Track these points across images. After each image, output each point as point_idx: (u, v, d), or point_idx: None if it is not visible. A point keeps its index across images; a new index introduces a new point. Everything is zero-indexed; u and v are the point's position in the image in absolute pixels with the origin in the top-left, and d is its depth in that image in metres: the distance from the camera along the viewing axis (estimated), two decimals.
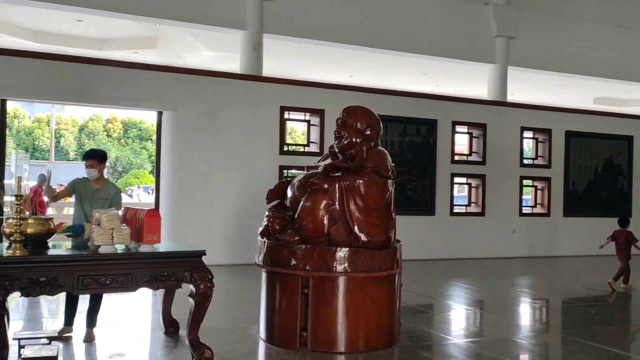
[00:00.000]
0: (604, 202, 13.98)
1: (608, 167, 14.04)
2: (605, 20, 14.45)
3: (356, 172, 5.24)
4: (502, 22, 13.08)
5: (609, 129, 14.06)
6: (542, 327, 6.91)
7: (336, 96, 11.06)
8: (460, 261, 11.95)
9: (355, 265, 5.03)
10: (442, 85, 16.81)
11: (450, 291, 8.94)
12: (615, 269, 9.35)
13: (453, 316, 7.22)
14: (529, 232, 13.11)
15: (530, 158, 13.50)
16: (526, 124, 13.21)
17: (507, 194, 12.92)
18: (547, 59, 13.87)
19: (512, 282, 10.00)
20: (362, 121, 5.43)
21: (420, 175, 12.13)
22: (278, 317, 5.20)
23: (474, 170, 12.66)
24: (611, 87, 16.35)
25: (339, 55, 13.68)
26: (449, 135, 12.39)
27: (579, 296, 8.70)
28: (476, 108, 12.77)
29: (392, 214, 5.34)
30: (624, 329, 6.76)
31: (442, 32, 12.86)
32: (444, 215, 12.30)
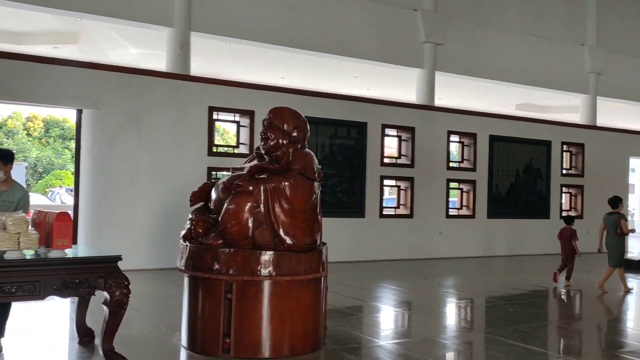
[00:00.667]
0: (525, 204, 14.54)
1: (528, 170, 14.62)
2: (526, 31, 15.05)
3: (282, 174, 5.15)
4: (430, 29, 13.36)
5: (530, 134, 14.64)
6: (465, 327, 7.06)
7: (267, 97, 10.94)
8: (389, 262, 12.09)
9: (280, 269, 4.93)
10: (372, 88, 17.00)
11: (379, 293, 9.00)
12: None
13: (380, 318, 7.26)
14: (455, 234, 13.44)
15: (456, 161, 13.85)
16: (453, 128, 13.54)
17: (435, 196, 13.19)
18: (472, 66, 14.28)
19: (439, 282, 10.19)
20: (288, 123, 5.35)
21: (351, 177, 12.18)
22: (200, 323, 5.03)
23: (402, 172, 12.85)
24: (531, 93, 17.04)
25: (270, 57, 13.56)
26: (379, 138, 12.52)
27: (500, 295, 8.96)
28: (405, 112, 12.97)
29: (318, 217, 5.28)
30: (540, 326, 6.99)
31: (372, 37, 12.99)
32: (374, 217, 12.41)
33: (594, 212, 15.52)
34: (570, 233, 9.89)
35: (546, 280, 10.81)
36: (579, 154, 15.50)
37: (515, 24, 14.88)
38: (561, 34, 15.63)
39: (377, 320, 7.10)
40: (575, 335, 6.75)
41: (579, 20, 15.95)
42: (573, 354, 6.01)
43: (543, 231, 14.74)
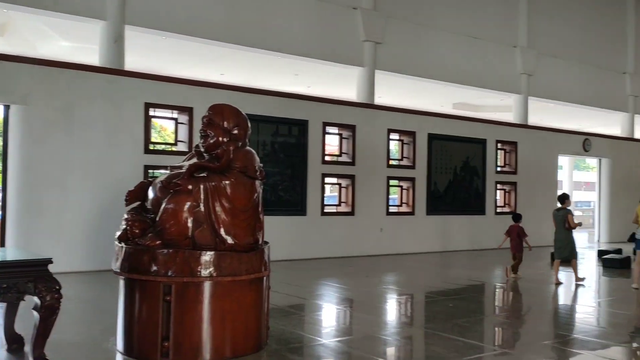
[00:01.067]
0: (462, 201, 14.92)
1: (465, 168, 15.01)
2: (462, 32, 15.42)
3: (222, 172, 5.04)
4: (369, 28, 13.47)
5: (466, 133, 15.03)
6: (406, 322, 7.15)
7: (206, 94, 10.73)
8: (331, 260, 12.13)
9: (221, 269, 4.82)
10: (313, 86, 17.00)
11: (321, 291, 8.99)
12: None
13: (323, 316, 7.25)
14: (395, 230, 13.63)
15: (396, 159, 14.04)
16: (392, 126, 13.72)
17: (375, 193, 13.33)
18: (411, 65, 14.50)
19: (380, 279, 10.30)
20: (229, 120, 5.24)
21: (292, 175, 12.14)
22: (137, 327, 4.85)
23: (344, 170, 12.91)
24: (467, 93, 17.49)
25: (209, 53, 13.31)
26: (320, 136, 12.53)
27: (439, 290, 9.14)
28: (346, 110, 13.03)
29: (260, 216, 5.20)
30: (477, 320, 7.16)
31: (313, 34, 12.97)
32: (315, 215, 12.41)
33: (527, 207, 16.13)
34: (517, 231, 10.32)
35: (483, 275, 11.15)
36: (512, 152, 16.04)
37: (452, 24, 15.22)
38: (495, 35, 16.11)
39: (319, 319, 7.08)
40: (510, 328, 6.95)
41: (511, 23, 16.49)
42: (508, 346, 6.19)
43: (479, 227, 15.19)
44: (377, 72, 13.76)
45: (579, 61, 18.14)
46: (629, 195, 19.06)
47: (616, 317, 7.61)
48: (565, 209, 9.83)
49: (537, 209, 16.42)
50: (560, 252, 9.81)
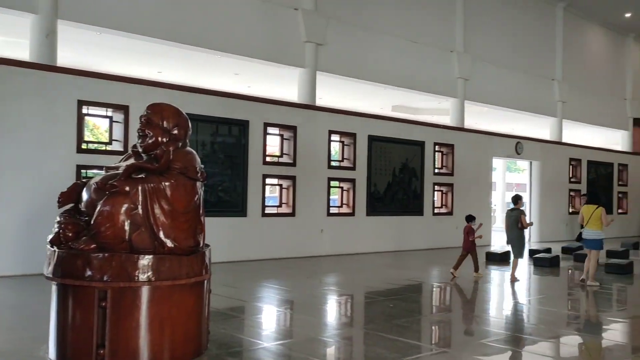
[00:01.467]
0: (401, 202, 15.17)
1: (404, 170, 15.27)
2: (402, 36, 15.69)
3: (162, 173, 4.90)
4: (311, 29, 13.48)
5: (405, 135, 15.30)
6: (347, 324, 7.18)
7: (142, 92, 10.45)
8: (272, 261, 12.06)
9: (160, 273, 4.69)
10: (254, 86, 16.87)
11: (262, 293, 8.92)
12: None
13: (263, 319, 7.19)
14: (336, 231, 13.70)
15: (337, 160, 14.12)
16: (333, 128, 13.79)
17: (316, 194, 13.36)
18: (352, 67, 14.62)
19: (321, 280, 10.32)
20: (168, 120, 5.10)
21: (232, 176, 11.99)
22: (71, 334, 4.66)
23: (285, 171, 12.87)
24: (406, 96, 17.81)
25: (146, 49, 12.96)
26: (261, 136, 12.44)
27: (379, 291, 9.24)
28: (287, 110, 13.00)
29: (201, 218, 5.10)
30: (416, 320, 7.29)
31: (254, 34, 12.86)
32: (256, 216, 12.31)
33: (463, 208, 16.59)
34: (467, 230, 10.65)
35: (421, 274, 11.36)
36: (449, 154, 16.45)
37: (392, 28, 15.45)
38: (433, 40, 16.48)
39: (259, 321, 7.02)
40: (448, 327, 7.11)
41: (448, 29, 16.91)
42: (445, 345, 6.33)
43: (418, 228, 15.50)
44: (319, 73, 13.80)
45: (511, 67, 18.83)
46: (557, 196, 19.97)
47: (547, 314, 7.92)
48: (519, 210, 10.36)
49: (472, 209, 16.89)
50: (514, 250, 10.41)
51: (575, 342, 6.41)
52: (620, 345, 6.42)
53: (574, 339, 6.57)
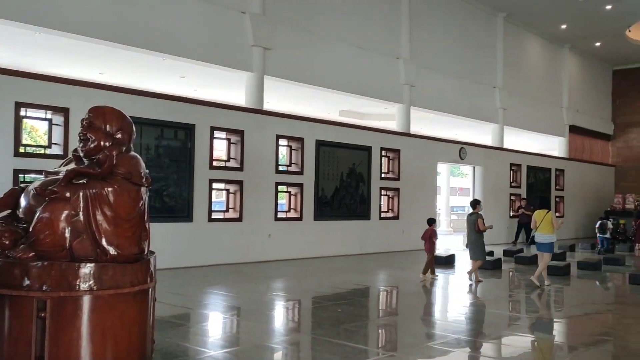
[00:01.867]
0: (348, 206, 15.29)
1: (352, 174, 15.40)
2: (350, 42, 15.83)
3: (105, 179, 4.75)
4: (258, 32, 13.41)
5: (352, 140, 15.44)
6: (294, 329, 7.16)
7: (84, 94, 10.14)
8: (219, 267, 11.90)
9: (103, 282, 4.55)
10: (200, 89, 16.64)
11: (208, 300, 8.79)
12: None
13: (210, 326, 7.09)
14: (284, 236, 13.66)
15: (284, 165, 14.09)
16: (281, 132, 13.76)
17: (264, 199, 13.29)
18: (300, 71, 14.64)
19: (268, 285, 10.26)
20: (111, 123, 4.96)
21: (178, 181, 11.78)
22: (7, 346, 4.44)
23: (232, 176, 12.75)
24: (353, 101, 17.96)
25: (88, 50, 12.57)
26: (207, 140, 12.28)
27: (327, 295, 9.26)
28: (234, 114, 12.89)
29: (146, 224, 4.97)
30: (363, 324, 7.35)
31: (200, 37, 12.68)
32: (202, 221, 12.14)
33: (409, 212, 16.87)
34: (430, 233, 11.04)
35: (369, 278, 11.47)
36: (395, 159, 16.70)
37: (339, 33, 15.57)
38: (380, 46, 16.70)
39: (205, 329, 6.91)
40: (395, 330, 7.20)
41: (394, 36, 17.18)
42: (392, 348, 6.40)
43: (365, 232, 15.64)
44: (266, 78, 13.75)
45: (455, 75, 19.30)
46: (499, 200, 20.58)
47: (490, 316, 8.14)
48: (477, 214, 10.78)
49: (418, 213, 17.22)
50: (472, 253, 10.82)
51: (517, 343, 6.60)
52: (558, 345, 6.66)
53: (515, 339, 6.77)
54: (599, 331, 7.33)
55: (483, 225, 10.64)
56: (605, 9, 20.05)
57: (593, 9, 20.17)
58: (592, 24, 21.75)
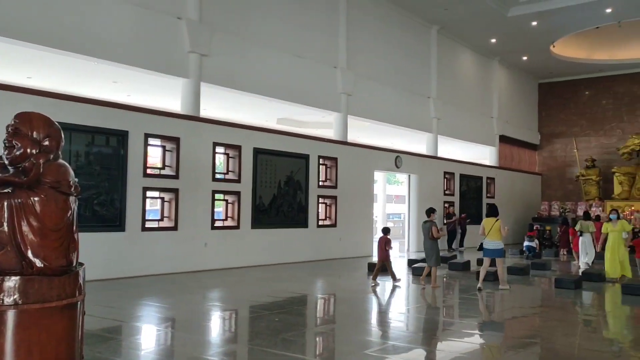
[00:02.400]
0: (286, 214, 15.26)
1: (289, 182, 15.39)
2: (288, 50, 15.86)
3: (31, 188, 4.53)
4: (195, 39, 13.22)
5: (290, 148, 15.44)
6: (231, 340, 7.06)
7: (9, 99, 9.69)
8: (153, 278, 11.60)
9: (28, 296, 4.32)
10: (134, 95, 16.22)
11: (141, 312, 8.54)
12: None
13: (142, 339, 6.88)
14: (221, 245, 13.48)
15: (222, 173, 13.92)
16: (218, 140, 13.60)
17: (200, 207, 13.08)
18: (237, 78, 14.51)
19: (204, 295, 10.08)
20: (38, 130, 4.73)
21: (110, 189, 11.42)
22: None
23: (167, 184, 12.48)
24: (291, 109, 18.00)
25: (14, 53, 12.01)
26: (142, 147, 11.98)
27: (264, 304, 9.19)
28: (170, 121, 12.63)
29: (74, 235, 4.77)
30: (301, 333, 7.33)
31: (134, 41, 12.37)
32: (135, 230, 11.80)
33: (346, 220, 17.02)
34: (385, 242, 11.40)
35: (305, 287, 11.47)
36: (333, 167, 16.82)
37: (277, 42, 15.57)
38: (317, 56, 16.82)
39: (138, 342, 6.71)
40: (332, 338, 7.22)
41: (332, 45, 17.35)
42: (330, 356, 6.41)
43: (302, 240, 15.65)
44: (203, 84, 13.56)
45: (391, 85, 19.69)
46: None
47: (425, 322, 8.30)
48: (431, 221, 11.31)
49: (355, 221, 17.43)
50: (428, 260, 11.28)
51: (450, 348, 6.75)
52: (489, 348, 6.86)
53: (449, 344, 6.92)
54: (528, 334, 7.62)
55: (437, 232, 11.14)
56: (531, 25, 21.00)
57: (520, 25, 21.09)
58: (520, 38, 22.74)
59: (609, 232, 12.56)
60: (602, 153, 26.99)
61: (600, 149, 27.19)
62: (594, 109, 27.63)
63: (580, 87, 27.96)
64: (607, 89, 27.27)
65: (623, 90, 26.86)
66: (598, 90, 27.50)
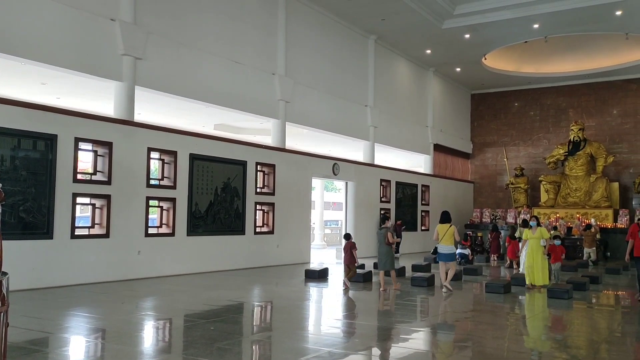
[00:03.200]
0: (223, 221, 15.07)
1: (226, 189, 15.22)
2: (225, 56, 15.70)
3: None
4: (129, 41, 12.88)
5: (227, 154, 15.28)
6: (164, 350, 6.88)
7: None
8: (83, 287, 11.17)
9: None
10: (64, 98, 15.63)
11: (69, 322, 8.19)
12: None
13: (71, 351, 6.60)
14: (155, 253, 13.15)
15: (156, 179, 13.60)
16: (153, 145, 13.29)
17: (134, 214, 12.73)
18: (173, 83, 14.23)
19: (137, 305, 9.79)
20: None
21: (37, 195, 10.93)
22: None
23: (98, 190, 12.07)
24: (228, 115, 17.83)
25: None
26: (71, 152, 11.54)
27: (200, 313, 9.02)
28: (102, 125, 12.25)
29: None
30: (237, 341, 7.23)
31: (65, 42, 11.91)
32: (64, 238, 11.34)
33: (284, 227, 16.98)
34: (350, 246, 12.13)
35: (242, 294, 11.34)
36: (270, 174, 16.76)
37: (215, 47, 15.39)
38: (256, 62, 16.75)
39: (66, 354, 6.43)
40: (269, 346, 7.17)
41: (270, 52, 17.33)
42: None
43: (239, 247, 15.50)
44: (137, 88, 13.22)
45: (329, 92, 19.85)
46: (370, 214, 21.37)
47: (360, 327, 8.36)
48: (387, 228, 11.78)
49: (293, 228, 17.41)
50: (383, 265, 11.78)
51: (384, 354, 6.83)
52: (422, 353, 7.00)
53: (385, 350, 7.00)
54: (460, 338, 7.81)
55: (392, 238, 11.64)
56: (464, 37, 21.72)
57: (453, 37, 21.77)
58: (453, 50, 23.47)
59: (528, 239, 12.40)
60: (530, 162, 28.17)
61: (529, 158, 28.38)
62: (523, 119, 28.82)
63: (510, 98, 29.11)
64: (534, 101, 28.53)
65: (549, 102, 28.17)
66: (526, 102, 28.72)
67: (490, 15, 19.91)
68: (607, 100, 26.78)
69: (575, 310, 10.28)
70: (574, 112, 27.43)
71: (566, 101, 27.75)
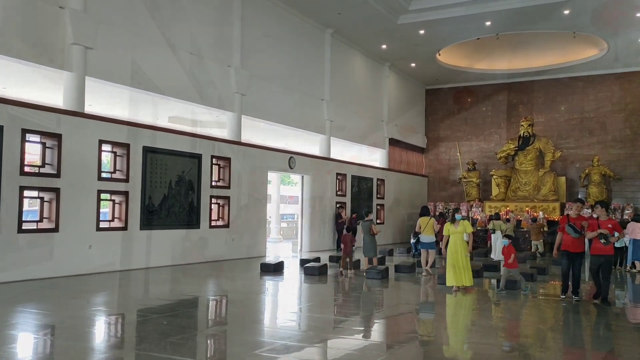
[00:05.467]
0: (177, 215, 14.86)
1: (181, 182, 15.01)
2: (181, 47, 15.41)
3: None
4: (79, 30, 12.51)
5: (182, 147, 15.07)
6: (116, 346, 6.76)
7: None
8: (30, 283, 10.84)
9: None
10: (10, 88, 15.09)
11: (16, 319, 7.95)
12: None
13: (18, 348, 6.41)
14: (107, 247, 12.88)
15: (108, 172, 13.29)
16: (105, 137, 12.98)
17: (84, 208, 12.42)
18: (126, 74, 13.90)
19: (88, 300, 9.58)
20: None
21: None
22: None
23: (47, 183, 11.73)
24: (184, 107, 17.55)
25: None
26: (18, 144, 11.17)
27: (152, 308, 8.90)
28: (51, 117, 11.88)
29: None
30: (191, 335, 7.17)
31: (9, 29, 11.47)
32: (11, 232, 10.98)
33: (239, 221, 16.89)
34: (350, 239, 13.31)
35: (196, 288, 11.24)
36: (226, 167, 16.62)
37: (169, 37, 15.10)
38: (211, 54, 16.54)
39: (13, 352, 6.24)
40: (223, 340, 7.13)
41: (226, 44, 17.13)
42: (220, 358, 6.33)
43: (194, 240, 15.33)
44: (88, 79, 12.87)
45: (286, 85, 19.78)
46: (325, 208, 21.46)
47: (316, 320, 8.42)
48: (370, 220, 13.61)
49: (248, 221, 17.33)
50: (367, 252, 13.52)
51: (341, 345, 6.90)
52: (376, 344, 7.10)
53: (340, 342, 7.08)
54: (411, 329, 7.96)
55: (375, 229, 13.49)
56: (419, 33, 21.99)
57: (408, 33, 22.01)
58: (408, 46, 23.73)
59: (450, 235, 10.90)
60: (482, 157, 28.80)
61: (481, 153, 29.01)
62: (475, 115, 29.43)
63: (464, 94, 29.66)
64: (487, 97, 29.16)
65: (501, 98, 28.83)
66: (479, 98, 29.32)
67: (444, 11, 20.22)
68: (555, 97, 27.61)
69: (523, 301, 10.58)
70: (524, 108, 28.17)
71: (517, 97, 28.47)
